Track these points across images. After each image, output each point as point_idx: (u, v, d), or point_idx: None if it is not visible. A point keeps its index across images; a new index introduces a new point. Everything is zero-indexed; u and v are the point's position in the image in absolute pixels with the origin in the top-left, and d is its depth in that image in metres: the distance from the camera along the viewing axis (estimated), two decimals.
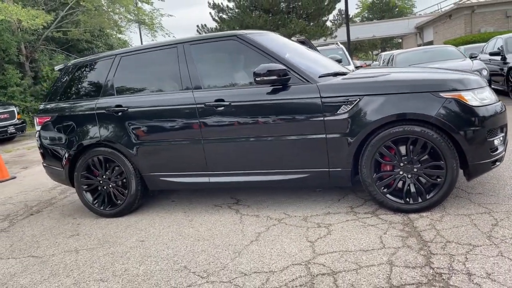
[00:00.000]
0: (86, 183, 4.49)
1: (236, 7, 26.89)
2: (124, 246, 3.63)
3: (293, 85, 3.73)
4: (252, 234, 3.54)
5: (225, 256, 3.18)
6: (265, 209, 4.11)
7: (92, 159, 4.39)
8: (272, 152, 3.82)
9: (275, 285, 2.68)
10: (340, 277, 2.68)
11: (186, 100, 4.01)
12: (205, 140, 3.98)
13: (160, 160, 4.18)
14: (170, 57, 4.18)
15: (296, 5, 27.11)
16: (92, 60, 4.59)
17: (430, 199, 3.51)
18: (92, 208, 4.50)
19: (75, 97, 4.59)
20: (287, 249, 3.17)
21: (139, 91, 4.32)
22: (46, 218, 4.77)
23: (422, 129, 3.41)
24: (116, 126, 4.26)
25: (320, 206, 4.02)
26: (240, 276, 2.85)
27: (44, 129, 4.63)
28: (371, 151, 3.55)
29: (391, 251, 2.95)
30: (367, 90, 3.55)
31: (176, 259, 3.24)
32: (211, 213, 4.21)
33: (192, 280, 2.88)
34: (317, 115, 3.64)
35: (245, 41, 3.96)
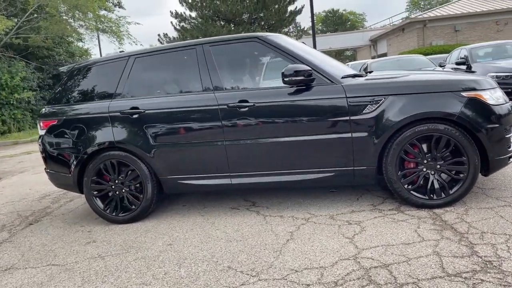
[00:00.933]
0: (96, 189, 4.33)
1: (199, 16, 26.86)
2: (153, 251, 3.53)
3: (317, 86, 3.80)
4: (284, 234, 3.54)
5: (267, 255, 3.17)
6: (286, 210, 4.12)
7: (104, 163, 4.23)
8: (297, 152, 3.86)
9: (332, 279, 2.71)
10: (393, 268, 2.74)
11: (207, 102, 3.97)
12: (228, 141, 3.95)
13: (179, 163, 4.10)
14: (188, 59, 4.14)
15: (258, 16, 27.48)
16: (102, 61, 4.46)
17: (453, 194, 3.67)
18: (103, 215, 4.33)
19: (84, 99, 4.42)
20: (328, 246, 3.20)
21: (156, 93, 4.24)
22: (50, 227, 4.55)
23: (445, 127, 3.56)
24: (132, 128, 4.15)
25: (341, 205, 4.09)
26: (292, 273, 2.84)
27: (49, 133, 4.43)
28: (396, 149, 3.66)
29: (432, 243, 3.05)
30: (392, 90, 3.67)
31: (215, 260, 3.19)
32: (231, 215, 4.17)
33: (243, 279, 2.85)
34: (343, 115, 3.72)
35: (266, 42, 4.00)
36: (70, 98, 4.46)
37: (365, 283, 2.61)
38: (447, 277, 2.57)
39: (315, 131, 3.79)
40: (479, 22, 27.98)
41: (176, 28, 28.35)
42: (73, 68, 4.54)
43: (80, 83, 4.47)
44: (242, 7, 26.07)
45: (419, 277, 2.61)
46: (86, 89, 4.46)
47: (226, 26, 26.00)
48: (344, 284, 2.63)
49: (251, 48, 4.10)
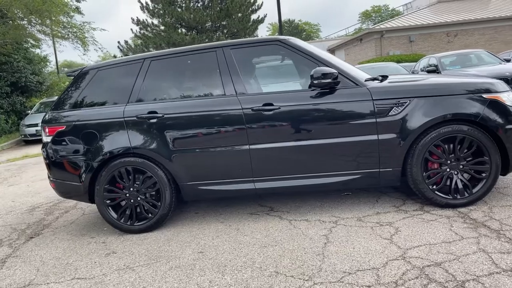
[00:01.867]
0: (110, 197, 4.12)
1: (161, 24, 26.53)
2: (185, 259, 3.39)
3: (342, 89, 3.82)
4: (319, 237, 3.51)
5: (311, 259, 3.12)
6: (309, 214, 4.09)
7: (118, 170, 4.04)
8: (322, 155, 3.85)
9: (390, 279, 2.70)
10: (447, 266, 2.78)
11: (231, 105, 3.89)
12: (252, 144, 3.88)
13: (200, 168, 3.98)
14: (208, 62, 4.05)
15: (221, 24, 27.51)
16: (115, 64, 4.26)
17: (475, 194, 3.78)
18: (117, 224, 4.12)
19: (95, 104, 4.21)
20: (370, 247, 3.20)
21: (174, 96, 4.11)
22: (55, 240, 4.27)
23: (469, 128, 3.68)
24: (150, 133, 3.99)
25: (362, 207, 4.11)
26: (346, 275, 2.82)
27: (56, 140, 4.17)
28: (421, 150, 3.74)
29: (472, 240, 3.12)
30: (417, 93, 3.75)
31: (258, 266, 3.10)
32: (253, 221, 4.09)
33: (297, 283, 2.79)
34: (369, 117, 3.75)
35: (288, 45, 3.99)
36: (79, 102, 4.22)
37: (425, 281, 2.63)
38: (503, 272, 2.63)
39: (341, 134, 3.80)
40: (432, 33, 29.36)
41: (137, 35, 27.87)
42: (80, 71, 4.31)
43: (90, 87, 4.24)
44: (206, 15, 26.04)
45: (476, 273, 2.66)
46: (97, 93, 4.24)
47: (189, 33, 25.82)
48: (404, 284, 2.63)
49: (273, 51, 4.06)
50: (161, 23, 26.80)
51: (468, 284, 2.54)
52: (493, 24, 28.97)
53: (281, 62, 4.65)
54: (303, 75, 4.14)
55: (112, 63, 4.27)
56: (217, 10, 26.62)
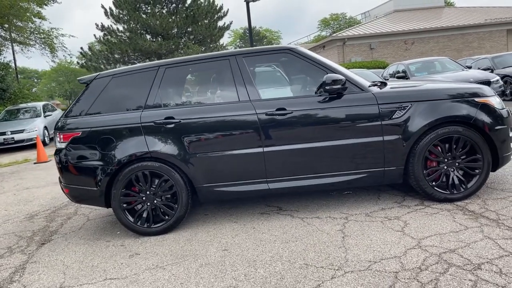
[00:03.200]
0: (126, 201, 4.22)
1: (127, 30, 26.26)
2: (212, 257, 3.56)
3: (348, 94, 4.12)
4: (335, 232, 3.77)
5: (334, 251, 3.37)
6: (318, 212, 4.35)
7: (135, 174, 4.15)
8: (332, 155, 4.12)
9: (414, 265, 2.99)
10: (461, 252, 3.10)
11: (245, 110, 4.10)
12: (266, 147, 4.11)
13: (216, 170, 4.16)
14: (221, 69, 4.25)
15: (187, 31, 27.55)
16: (129, 71, 4.37)
17: (470, 188, 4.16)
18: (133, 227, 4.22)
19: (110, 110, 4.30)
20: (386, 239, 3.49)
21: (190, 102, 4.27)
22: (70, 245, 4.31)
23: (463, 129, 4.06)
24: (167, 138, 4.13)
25: (367, 204, 4.41)
26: (372, 264, 3.09)
27: (71, 146, 4.23)
28: (422, 150, 4.09)
29: (477, 229, 3.47)
30: (417, 98, 4.10)
31: (287, 259, 3.32)
32: (266, 220, 4.31)
33: (328, 273, 3.03)
34: (375, 120, 4.07)
35: (297, 53, 4.25)
36: (94, 109, 4.30)
37: (446, 266, 2.94)
38: None
39: (350, 136, 4.10)
40: (391, 41, 30.59)
41: (100, 41, 27.44)
42: (94, 78, 4.39)
43: (105, 94, 4.33)
44: (172, 22, 26.00)
45: (488, 257, 2.99)
46: (112, 100, 4.33)
47: (155, 40, 25.70)
48: (428, 268, 2.93)
49: (283, 58, 4.31)
50: (127, 29, 26.53)
51: (484, 266, 2.87)
52: (446, 33, 30.53)
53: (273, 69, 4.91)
54: (311, 81, 4.41)
55: (127, 70, 4.38)
56: (183, 17, 26.68)
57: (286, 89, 4.58)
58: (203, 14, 26.77)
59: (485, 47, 30.68)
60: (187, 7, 27.45)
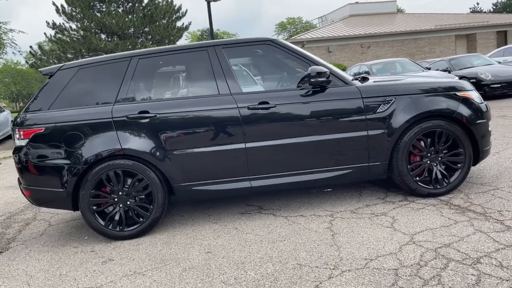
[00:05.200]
0: (96, 203, 3.88)
1: (80, 28, 25.25)
2: (195, 260, 3.30)
3: (332, 87, 3.99)
4: (323, 230, 3.61)
5: (326, 250, 3.21)
6: (301, 210, 4.19)
7: (106, 173, 3.82)
8: (317, 151, 3.98)
9: (412, 262, 2.88)
10: (456, 246, 3.02)
11: (226, 104, 3.88)
12: (248, 143, 3.90)
13: (195, 168, 3.90)
14: (199, 60, 4.00)
15: (145, 31, 26.88)
16: (98, 62, 4.03)
17: (452, 183, 4.13)
18: (104, 231, 3.89)
19: (77, 104, 3.94)
20: (377, 235, 3.37)
21: (166, 96, 4.00)
22: (32, 253, 3.91)
23: (446, 123, 4.03)
24: (141, 134, 3.84)
25: (350, 201, 4.29)
26: (369, 262, 2.95)
27: (33, 144, 3.83)
28: (406, 144, 4.02)
29: (466, 223, 3.42)
30: (400, 91, 4.03)
31: (278, 260, 3.13)
32: (248, 219, 4.09)
33: (325, 273, 2.86)
34: (359, 114, 3.96)
35: (279, 45, 4.08)
36: (58, 103, 3.93)
37: (445, 261, 2.84)
38: (508, 248, 2.92)
39: (334, 130, 3.96)
40: (348, 44, 31.21)
41: (51, 39, 26.27)
42: (58, 69, 4.02)
43: (70, 86, 3.97)
44: (129, 21, 25.28)
45: (484, 250, 2.93)
46: (78, 93, 3.97)
47: (112, 39, 24.87)
48: (427, 264, 2.82)
49: (264, 50, 4.13)
50: (80, 28, 25.51)
51: (483, 260, 2.79)
52: (400, 37, 31.51)
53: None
54: (293, 74, 4.25)
55: (95, 61, 4.04)
56: (140, 16, 25.99)
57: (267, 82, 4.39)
58: (161, 14, 26.19)
59: (436, 51, 31.90)
60: (144, 6, 26.78)
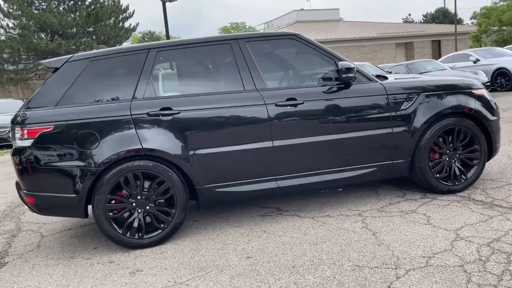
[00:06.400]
0: (113, 209, 3.52)
1: (19, 26, 23.62)
2: (239, 267, 3.06)
3: (356, 84, 3.92)
4: (360, 230, 3.51)
5: (378, 249, 3.10)
6: (325, 210, 4.06)
7: (124, 176, 3.48)
8: (344, 149, 3.89)
9: (473, 258, 2.84)
10: (506, 240, 3.03)
11: (253, 100, 3.69)
12: (276, 141, 3.72)
13: (220, 168, 3.66)
14: (223, 54, 3.77)
15: (89, 31, 25.71)
16: (112, 54, 3.66)
17: (469, 179, 4.20)
18: (122, 240, 3.53)
19: (88, 99, 3.56)
20: (421, 233, 3.31)
21: (188, 91, 3.72)
22: (38, 267, 3.46)
23: (464, 120, 4.09)
24: (164, 132, 3.53)
25: (371, 200, 4.22)
26: (429, 259, 2.88)
27: (39, 144, 3.40)
28: (429, 141, 4.02)
29: (501, 217, 3.46)
30: (423, 89, 4.04)
31: (331, 262, 2.97)
32: (273, 222, 3.90)
33: (389, 273, 2.75)
34: (385, 112, 3.92)
35: (303, 40, 3.95)
36: (68, 98, 3.52)
37: (505, 255, 2.83)
38: None
39: (361, 128, 3.89)
40: None
41: None
42: (66, 61, 3.60)
43: (80, 80, 3.57)
44: (73, 19, 24.05)
45: None
46: (90, 87, 3.59)
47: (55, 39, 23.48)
48: (489, 259, 2.80)
49: (288, 45, 3.98)
50: (18, 26, 23.87)
51: None
52: (345, 44, 32.53)
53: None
54: (317, 69, 4.13)
55: (109, 53, 3.68)
56: (84, 15, 24.79)
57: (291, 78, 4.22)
58: (107, 14, 25.17)
59: (378, 58, 33.24)
60: (88, 5, 25.60)
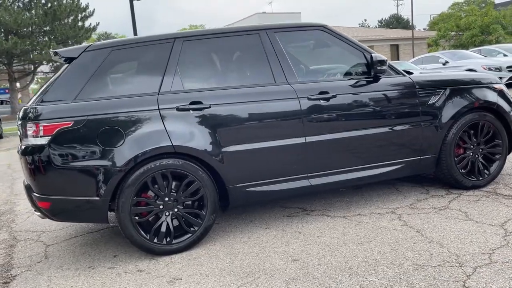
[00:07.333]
0: (138, 212, 3.21)
1: None
2: (289, 270, 2.84)
3: (386, 78, 3.81)
4: (401, 227, 3.38)
5: (431, 247, 2.97)
6: (354, 209, 3.91)
7: (152, 176, 3.18)
8: (375, 145, 3.76)
9: None
10: None
11: (285, 94, 3.48)
12: (308, 137, 3.54)
13: (251, 166, 3.42)
14: (251, 45, 3.55)
15: (47, 30, 24.54)
16: (136, 43, 3.34)
17: (492, 174, 4.18)
18: (149, 246, 3.21)
19: (110, 92, 3.23)
20: (468, 229, 3.22)
21: (217, 84, 3.46)
22: (55, 279, 3.07)
23: (488, 114, 4.07)
24: (193, 128, 3.26)
25: (396, 197, 4.11)
26: (490, 255, 2.78)
27: (58, 141, 3.03)
28: (455, 136, 3.97)
29: None
30: (449, 84, 3.98)
31: (389, 262, 2.81)
32: (304, 222, 3.70)
33: (456, 271, 2.62)
34: (415, 106, 3.84)
35: (331, 31, 3.79)
36: (86, 91, 3.17)
37: None
38: None
39: (392, 122, 3.78)
40: None
41: None
42: (84, 50, 3.25)
43: (100, 72, 3.22)
44: (29, 18, 22.85)
45: None
46: (112, 79, 3.27)
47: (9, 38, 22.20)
48: None
49: (316, 36, 3.80)
50: None
51: None
52: None
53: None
54: (345, 62, 3.98)
55: (131, 42, 3.35)
56: (41, 13, 23.61)
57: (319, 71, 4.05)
58: (65, 12, 24.08)
59: None
60: (45, 3, 24.41)
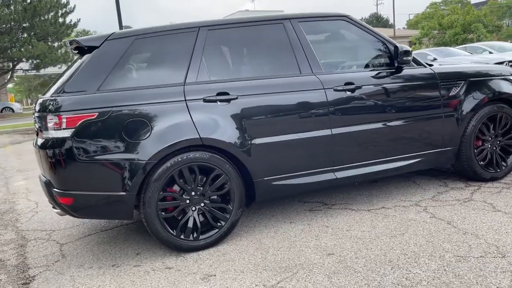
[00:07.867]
0: (165, 207, 3.08)
1: None
2: (327, 265, 2.76)
3: (408, 69, 3.77)
4: (430, 219, 3.34)
5: (468, 239, 2.93)
6: (376, 202, 3.86)
7: (179, 170, 3.06)
8: (401, 137, 3.73)
9: None
10: None
11: (311, 85, 3.41)
12: (334, 129, 3.47)
13: (279, 160, 3.33)
14: (276, 35, 3.45)
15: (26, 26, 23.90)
16: (159, 31, 3.19)
17: (509, 165, 4.19)
18: (176, 243, 3.09)
19: (134, 83, 3.10)
20: (500, 220, 3.20)
21: (243, 74, 3.36)
22: (79, 278, 2.92)
23: (505, 106, 4.08)
24: (221, 120, 3.15)
25: (415, 191, 4.08)
26: None
27: (82, 134, 2.88)
28: (474, 128, 3.96)
29: None
30: (468, 76, 3.97)
31: (429, 254, 2.76)
32: (329, 216, 3.63)
33: (501, 262, 2.59)
34: (437, 98, 3.81)
35: (354, 21, 3.73)
36: (109, 81, 3.02)
37: None
38: None
39: (416, 114, 3.75)
40: None
41: None
42: (106, 39, 3.09)
43: (124, 61, 3.07)
44: (8, 14, 22.22)
45: None
46: (136, 69, 3.14)
47: None
48: None
49: (339, 26, 3.73)
50: None
51: None
52: None
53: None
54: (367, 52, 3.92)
55: (155, 31, 3.20)
56: (20, 9, 22.98)
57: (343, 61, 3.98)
58: (45, 8, 23.48)
59: None
60: None
